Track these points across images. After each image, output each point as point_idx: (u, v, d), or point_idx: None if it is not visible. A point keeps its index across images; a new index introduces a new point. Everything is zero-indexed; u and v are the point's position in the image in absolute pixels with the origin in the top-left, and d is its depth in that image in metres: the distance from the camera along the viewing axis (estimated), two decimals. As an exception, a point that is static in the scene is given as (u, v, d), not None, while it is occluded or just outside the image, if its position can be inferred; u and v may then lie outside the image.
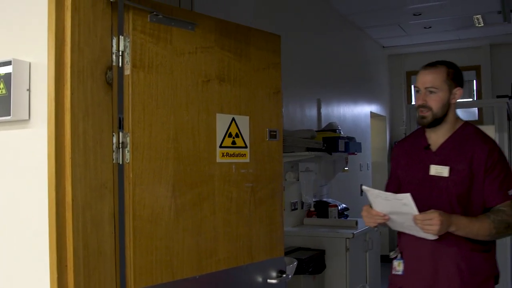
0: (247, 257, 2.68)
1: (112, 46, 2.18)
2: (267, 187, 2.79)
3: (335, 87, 6.63)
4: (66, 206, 1.99)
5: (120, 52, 2.20)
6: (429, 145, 2.66)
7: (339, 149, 5.53)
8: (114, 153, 2.17)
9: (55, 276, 1.96)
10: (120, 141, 2.19)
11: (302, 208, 5.63)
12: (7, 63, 2.06)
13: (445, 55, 8.67)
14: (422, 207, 2.37)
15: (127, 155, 2.20)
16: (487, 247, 2.54)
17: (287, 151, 4.73)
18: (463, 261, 2.49)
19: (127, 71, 2.22)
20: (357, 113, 7.49)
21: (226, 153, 2.58)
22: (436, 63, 2.64)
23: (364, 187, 2.50)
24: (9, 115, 2.04)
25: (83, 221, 2.02)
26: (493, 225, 2.42)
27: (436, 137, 2.64)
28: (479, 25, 7.42)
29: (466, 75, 8.71)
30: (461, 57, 8.58)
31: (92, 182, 2.06)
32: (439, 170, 2.58)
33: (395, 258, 2.68)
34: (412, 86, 9.07)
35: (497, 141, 6.28)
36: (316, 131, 5.60)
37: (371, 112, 8.15)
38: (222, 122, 2.57)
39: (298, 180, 5.47)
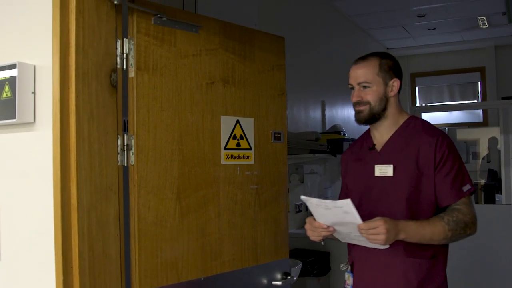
0: (252, 259, 2.68)
1: (116, 48, 2.19)
2: (272, 189, 2.79)
3: (340, 89, 6.61)
4: (71, 208, 1.99)
5: (125, 54, 2.21)
6: (374, 145, 2.45)
7: (344, 151, 5.53)
8: (119, 156, 2.17)
9: (61, 278, 1.97)
10: (125, 144, 2.19)
11: (306, 210, 5.62)
12: (12, 66, 2.06)
13: (449, 56, 8.67)
14: (369, 213, 2.18)
15: (132, 158, 2.20)
16: (436, 252, 2.31)
17: (292, 153, 4.73)
18: (411, 272, 2.26)
19: (132, 74, 2.22)
20: (362, 115, 7.44)
21: (231, 155, 2.58)
22: (367, 55, 2.45)
23: (302, 197, 2.19)
24: (14, 118, 2.05)
25: (89, 223, 2.03)
26: (448, 228, 2.20)
27: (380, 136, 2.44)
28: (484, 27, 7.41)
29: (471, 76, 8.71)
30: (466, 58, 8.57)
31: (97, 184, 2.07)
32: (383, 170, 2.36)
33: (346, 270, 2.47)
34: (417, 89, 9.06)
35: (502, 143, 6.26)
36: (321, 133, 5.60)
37: (375, 114, 8.10)
38: (226, 124, 2.57)
39: (303, 182, 5.47)
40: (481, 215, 5.98)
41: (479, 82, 8.66)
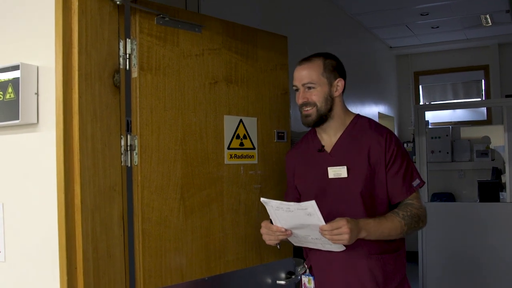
0: (256, 258, 2.68)
1: (119, 49, 2.19)
2: (276, 188, 2.79)
3: (343, 88, 6.61)
4: (75, 209, 1.99)
5: (127, 55, 2.21)
6: (323, 146, 2.44)
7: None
8: (122, 156, 2.17)
9: (65, 278, 1.97)
10: (128, 144, 2.19)
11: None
12: (15, 67, 2.06)
13: (452, 54, 8.65)
14: (327, 215, 2.13)
15: (135, 158, 2.20)
16: (398, 246, 2.37)
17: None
18: (376, 268, 2.30)
19: (135, 74, 2.22)
20: (365, 113, 7.45)
21: (234, 154, 2.58)
22: (311, 56, 2.44)
23: (262, 199, 2.17)
24: (18, 119, 2.05)
25: (92, 224, 2.03)
26: (403, 222, 2.25)
27: (328, 137, 2.44)
28: (487, 25, 7.39)
29: (474, 74, 8.69)
30: (469, 56, 8.56)
31: (100, 185, 2.07)
32: (337, 172, 2.37)
33: (304, 273, 2.47)
34: (421, 87, 9.05)
35: (506, 141, 6.25)
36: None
37: (379, 113, 8.12)
38: (229, 123, 2.57)
39: (307, 181, 5.45)
40: (486, 213, 5.99)
41: (482, 80, 8.65)
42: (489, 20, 7.19)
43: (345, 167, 2.34)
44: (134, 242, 2.21)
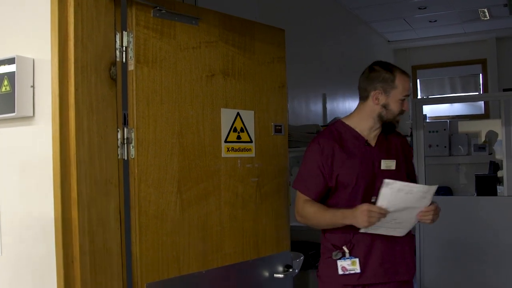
0: (254, 251, 2.68)
1: (115, 41, 2.17)
2: (273, 181, 2.78)
3: (341, 82, 6.61)
4: (71, 202, 1.99)
5: (124, 47, 2.20)
6: (367, 140, 2.67)
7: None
8: (119, 149, 2.16)
9: (62, 272, 1.96)
10: (125, 137, 2.18)
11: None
12: (11, 60, 2.05)
13: (450, 48, 8.65)
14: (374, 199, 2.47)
15: (132, 151, 2.19)
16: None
17: (292, 146, 4.71)
18: (407, 245, 2.68)
19: (131, 67, 2.21)
20: (363, 108, 7.43)
21: (231, 147, 2.57)
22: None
23: (386, 180, 2.37)
24: (14, 111, 2.04)
25: (89, 217, 2.02)
26: None
27: (368, 133, 2.68)
28: (485, 19, 7.38)
29: (472, 68, 8.69)
30: (467, 50, 8.55)
31: (97, 178, 2.06)
32: (388, 164, 2.64)
33: (341, 258, 2.58)
34: (419, 81, 9.04)
35: (504, 134, 6.25)
36: (322, 126, 5.59)
37: (376, 107, 8.10)
38: (227, 116, 2.56)
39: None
40: (483, 207, 5.99)
41: (480, 74, 8.65)
42: (487, 14, 7.17)
43: (395, 160, 2.67)
44: (131, 236, 2.20)
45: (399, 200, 2.39)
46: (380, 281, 2.61)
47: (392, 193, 2.37)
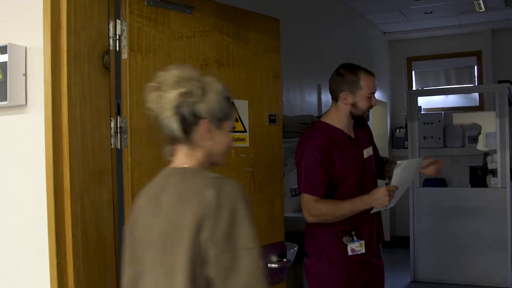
0: (248, 242, 2.67)
1: (109, 30, 2.16)
2: (267, 171, 2.78)
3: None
4: (64, 192, 1.98)
5: (117, 36, 2.18)
6: (349, 135, 2.93)
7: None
8: (112, 138, 2.15)
9: (54, 261, 1.96)
10: (118, 126, 2.17)
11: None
12: (3, 48, 2.04)
13: (446, 40, 8.63)
14: (366, 186, 2.84)
15: (125, 140, 2.18)
16: None
17: (287, 136, 4.70)
18: (380, 221, 3.01)
19: (125, 55, 2.20)
20: (358, 99, 7.42)
21: (226, 137, 2.56)
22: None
23: (398, 161, 2.72)
24: (6, 100, 2.02)
25: (82, 207, 2.01)
26: None
27: (349, 129, 2.94)
28: (480, 10, 7.36)
29: (467, 60, 8.68)
30: (462, 42, 8.53)
31: (90, 167, 2.05)
32: (368, 151, 2.97)
33: (351, 241, 2.80)
34: (414, 73, 9.04)
35: (498, 127, 6.26)
36: (316, 117, 5.58)
37: (371, 98, 8.09)
38: (221, 106, 2.54)
39: (299, 166, 5.44)
40: (476, 198, 6.00)
41: (475, 66, 8.64)
42: (482, 5, 7.16)
43: (371, 147, 3.03)
44: (124, 225, 2.19)
45: (405, 176, 2.77)
46: (373, 253, 2.94)
47: (401, 171, 2.70)
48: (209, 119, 1.70)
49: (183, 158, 1.73)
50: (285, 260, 2.84)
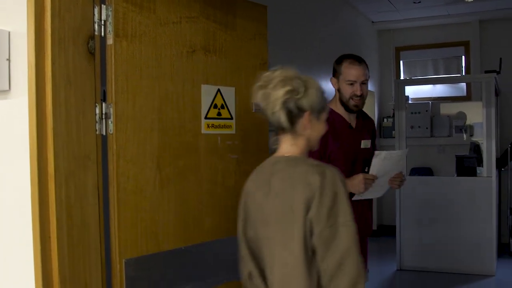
0: (234, 228, 2.64)
1: (94, 15, 2.14)
2: (253, 159, 2.76)
3: (324, 62, 6.58)
4: (48, 177, 1.96)
5: (102, 21, 2.16)
6: (350, 124, 3.16)
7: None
8: (97, 124, 2.14)
9: (39, 247, 1.95)
10: (103, 112, 2.16)
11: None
12: (-14, 32, 2.01)
13: (434, 30, 8.65)
14: (355, 174, 2.97)
15: (111, 126, 2.17)
16: None
17: (275, 125, 4.71)
18: (368, 213, 3.22)
19: (110, 41, 2.18)
20: (346, 88, 7.42)
21: (211, 124, 2.56)
22: (360, 58, 3.14)
23: (376, 151, 2.88)
24: (-11, 85, 2.00)
25: (66, 192, 2.00)
26: None
27: (349, 117, 3.16)
28: (469, 1, 7.38)
29: (455, 50, 8.70)
30: (450, 32, 8.55)
31: (75, 153, 2.04)
32: (366, 143, 3.17)
33: None
34: (402, 63, 9.05)
35: (484, 117, 6.30)
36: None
37: (360, 88, 8.10)
38: (207, 93, 2.54)
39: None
40: (463, 187, 6.04)
41: (463, 56, 8.67)
42: (470, -5, 7.18)
43: (370, 140, 3.22)
44: (109, 211, 2.19)
45: (384, 167, 2.90)
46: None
47: (380, 161, 2.86)
48: (310, 111, 2.03)
49: (288, 147, 2.08)
50: None
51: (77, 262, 2.04)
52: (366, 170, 2.94)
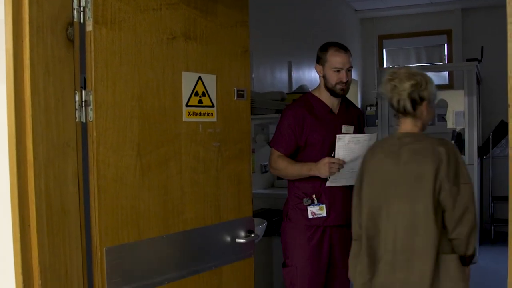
0: (215, 216, 2.68)
1: (73, 1, 2.11)
2: (235, 147, 2.77)
3: (307, 50, 6.58)
4: (27, 165, 1.94)
5: (82, 7, 2.14)
6: (331, 109, 3.31)
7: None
8: (77, 112, 2.12)
9: (18, 236, 1.93)
10: (83, 99, 2.14)
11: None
12: (-37, 18, 1.98)
13: (416, 19, 8.68)
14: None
15: (90, 114, 2.15)
16: None
17: (257, 113, 4.71)
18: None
19: (89, 27, 2.16)
20: (329, 77, 7.43)
21: (193, 112, 2.55)
22: (344, 46, 3.31)
23: (338, 135, 3.03)
24: (-34, 72, 1.98)
25: (46, 180, 1.99)
26: None
27: (332, 103, 3.32)
28: (451, -11, 7.42)
29: (437, 39, 8.75)
30: (433, 21, 8.59)
31: (54, 141, 2.02)
32: (348, 129, 3.30)
33: (311, 204, 3.26)
34: (385, 52, 9.07)
35: (466, 105, 6.34)
36: (287, 93, 5.58)
37: (343, 76, 8.12)
38: (188, 80, 2.53)
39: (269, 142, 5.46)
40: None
41: (445, 45, 8.72)
42: (453, -16, 7.21)
43: (353, 126, 3.35)
44: (90, 199, 2.18)
45: (351, 151, 3.01)
46: (342, 223, 3.24)
47: (344, 145, 3.01)
48: (428, 100, 2.60)
49: (410, 127, 2.63)
50: (253, 235, 2.85)
51: (57, 251, 2.03)
52: (332, 154, 3.10)
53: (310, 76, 6.61)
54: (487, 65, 7.42)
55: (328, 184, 3.18)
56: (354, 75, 8.63)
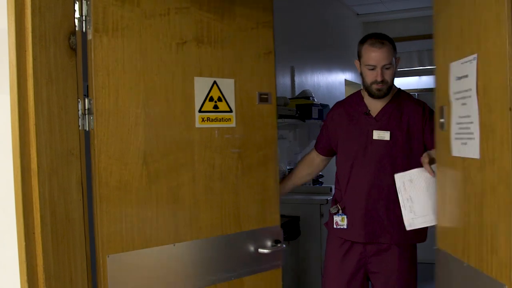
0: (235, 225, 2.62)
1: (74, 10, 2.13)
2: (258, 153, 2.69)
3: (309, 55, 6.59)
4: (31, 173, 1.95)
5: (84, 16, 2.15)
6: (369, 111, 2.96)
7: (313, 116, 5.52)
8: (80, 120, 2.13)
9: (23, 244, 1.94)
10: (86, 108, 2.15)
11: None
12: (-34, 29, 2.00)
13: (418, 22, 8.68)
14: (365, 167, 2.87)
15: (92, 122, 2.16)
16: None
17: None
18: (390, 211, 2.90)
19: (90, 36, 2.17)
20: (332, 81, 7.47)
21: (207, 117, 2.50)
22: (382, 39, 2.88)
23: (396, 175, 2.66)
24: (-30, 82, 1.99)
25: (50, 188, 2.00)
26: None
27: (375, 104, 2.95)
28: (452, -9, 7.41)
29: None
30: (435, 23, 8.58)
31: (58, 149, 2.03)
32: (381, 135, 2.89)
33: (336, 213, 3.02)
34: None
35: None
36: (290, 98, 5.59)
37: (345, 80, 8.13)
38: (201, 85, 2.48)
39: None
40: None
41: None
42: (454, -13, 7.19)
43: (389, 132, 2.88)
44: (93, 207, 2.18)
45: (415, 189, 2.64)
46: (362, 241, 2.95)
47: (405, 183, 2.65)
48: None
49: None
50: (279, 245, 2.75)
51: (62, 258, 2.04)
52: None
53: (312, 81, 6.61)
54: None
55: (408, 228, 2.72)
56: (356, 78, 8.65)
